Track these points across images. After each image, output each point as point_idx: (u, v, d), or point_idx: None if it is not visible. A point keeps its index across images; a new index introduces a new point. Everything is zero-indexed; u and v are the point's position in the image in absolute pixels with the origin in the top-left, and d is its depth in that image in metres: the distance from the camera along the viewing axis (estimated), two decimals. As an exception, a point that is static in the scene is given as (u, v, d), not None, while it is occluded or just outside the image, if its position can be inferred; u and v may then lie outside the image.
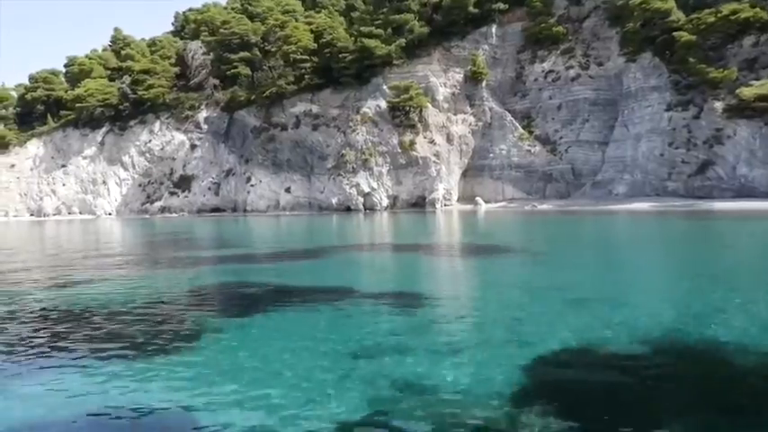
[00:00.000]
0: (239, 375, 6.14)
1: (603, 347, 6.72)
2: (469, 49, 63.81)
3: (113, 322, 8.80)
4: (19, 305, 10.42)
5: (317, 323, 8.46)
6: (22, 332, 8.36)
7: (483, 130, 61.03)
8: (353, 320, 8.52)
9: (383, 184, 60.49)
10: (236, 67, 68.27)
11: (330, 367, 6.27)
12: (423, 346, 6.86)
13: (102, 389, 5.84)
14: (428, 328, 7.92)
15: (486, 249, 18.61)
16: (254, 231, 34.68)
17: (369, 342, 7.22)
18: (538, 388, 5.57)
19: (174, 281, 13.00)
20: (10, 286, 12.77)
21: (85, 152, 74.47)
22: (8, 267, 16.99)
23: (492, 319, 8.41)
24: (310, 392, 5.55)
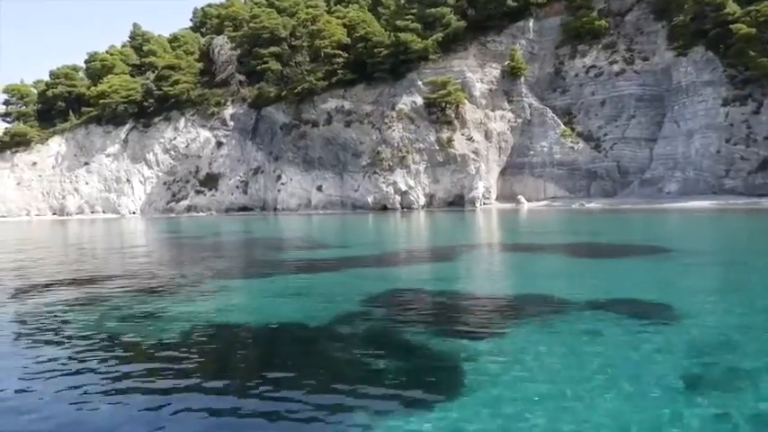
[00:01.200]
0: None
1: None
2: (506, 44, 62.21)
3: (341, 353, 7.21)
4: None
5: (630, 345, 6.83)
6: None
7: (522, 127, 59.43)
8: (653, 338, 6.90)
9: (420, 183, 58.91)
10: (267, 62, 66.52)
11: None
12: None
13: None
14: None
15: (635, 249, 16.92)
16: (323, 230, 32.98)
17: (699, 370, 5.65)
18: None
19: (350, 292, 11.36)
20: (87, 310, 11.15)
21: (109, 150, 72.82)
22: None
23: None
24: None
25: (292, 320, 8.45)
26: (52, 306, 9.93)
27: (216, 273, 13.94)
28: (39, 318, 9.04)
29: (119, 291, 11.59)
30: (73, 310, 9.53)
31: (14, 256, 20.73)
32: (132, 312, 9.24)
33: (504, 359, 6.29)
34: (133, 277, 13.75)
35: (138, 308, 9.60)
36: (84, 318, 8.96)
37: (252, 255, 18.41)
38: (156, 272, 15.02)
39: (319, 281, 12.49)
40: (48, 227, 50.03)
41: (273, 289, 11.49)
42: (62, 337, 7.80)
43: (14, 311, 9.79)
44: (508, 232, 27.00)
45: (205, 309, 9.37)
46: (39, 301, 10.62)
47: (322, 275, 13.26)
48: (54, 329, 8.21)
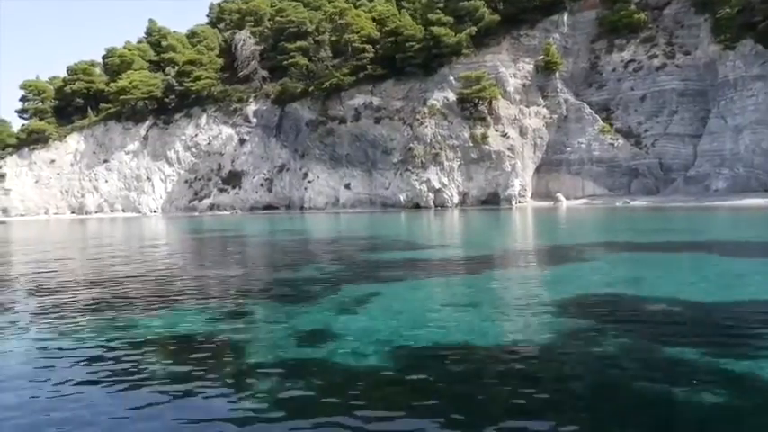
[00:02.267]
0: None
1: None
2: (539, 39, 60.71)
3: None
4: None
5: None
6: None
7: (558, 123, 57.91)
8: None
9: (454, 180, 57.37)
10: (293, 56, 64.96)
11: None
12: None
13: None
14: None
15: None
16: (387, 228, 31.34)
17: None
18: None
19: (529, 299, 9.75)
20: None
21: (128, 147, 71.26)
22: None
23: None
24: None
25: (505, 338, 6.81)
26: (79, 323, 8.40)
27: (357, 273, 12.44)
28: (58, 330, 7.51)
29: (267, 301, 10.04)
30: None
31: (37, 257, 19.20)
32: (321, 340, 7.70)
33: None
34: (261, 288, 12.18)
35: (306, 327, 8.05)
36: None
37: (360, 257, 16.67)
38: (273, 277, 13.47)
39: (464, 285, 10.92)
40: (67, 226, 48.42)
41: (432, 296, 9.93)
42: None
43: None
44: (592, 230, 25.44)
45: (384, 324, 7.82)
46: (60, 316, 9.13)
47: (461, 278, 11.69)
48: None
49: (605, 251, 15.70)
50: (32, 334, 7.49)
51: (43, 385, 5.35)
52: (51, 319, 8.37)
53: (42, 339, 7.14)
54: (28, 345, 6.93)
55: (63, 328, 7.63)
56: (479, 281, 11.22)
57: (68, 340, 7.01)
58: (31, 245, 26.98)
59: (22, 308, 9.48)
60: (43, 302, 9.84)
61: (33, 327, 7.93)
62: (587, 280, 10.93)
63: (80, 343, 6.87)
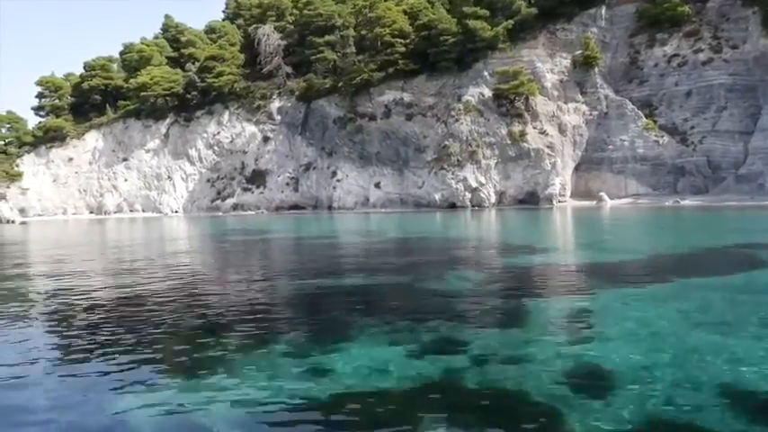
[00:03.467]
0: None
1: None
2: (576, 33, 58.83)
3: None
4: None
5: None
6: None
7: (598, 120, 55.93)
8: None
9: (491, 179, 55.41)
10: (322, 51, 62.96)
11: None
12: None
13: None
14: None
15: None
16: (452, 228, 29.43)
17: None
18: None
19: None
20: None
21: (148, 145, 69.26)
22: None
23: None
24: None
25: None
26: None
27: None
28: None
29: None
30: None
31: (58, 262, 17.21)
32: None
33: None
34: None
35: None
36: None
37: (498, 263, 14.68)
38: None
39: (676, 297, 8.93)
40: (87, 227, 46.40)
41: (659, 312, 7.95)
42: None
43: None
44: (698, 229, 23.48)
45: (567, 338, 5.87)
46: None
47: (657, 288, 9.69)
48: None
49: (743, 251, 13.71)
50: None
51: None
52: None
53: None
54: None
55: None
56: (685, 290, 9.25)
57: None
58: (51, 248, 24.99)
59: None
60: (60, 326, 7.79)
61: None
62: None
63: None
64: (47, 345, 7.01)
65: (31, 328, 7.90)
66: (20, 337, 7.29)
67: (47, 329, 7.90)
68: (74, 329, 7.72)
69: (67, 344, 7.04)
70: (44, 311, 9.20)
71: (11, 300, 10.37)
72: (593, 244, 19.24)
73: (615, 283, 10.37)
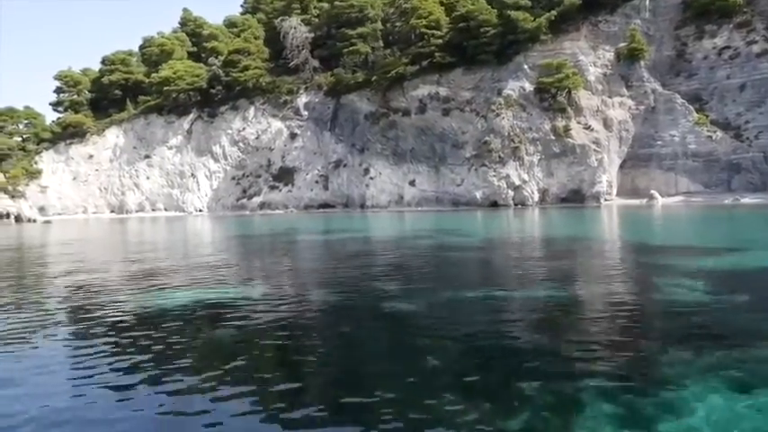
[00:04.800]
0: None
1: None
2: (620, 24, 56.61)
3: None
4: None
5: None
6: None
7: (645, 115, 53.70)
8: None
9: (534, 176, 53.19)
10: (354, 43, 60.70)
11: None
12: None
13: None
14: None
15: None
16: (528, 228, 27.20)
17: None
18: None
19: None
20: None
21: (171, 141, 67.00)
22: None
23: None
24: None
25: None
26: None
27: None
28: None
29: None
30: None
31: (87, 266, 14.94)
32: None
33: None
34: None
35: None
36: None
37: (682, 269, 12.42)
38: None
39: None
40: (115, 226, 44.15)
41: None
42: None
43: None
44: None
45: None
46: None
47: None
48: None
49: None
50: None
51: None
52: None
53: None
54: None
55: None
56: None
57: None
58: (93, 251, 22.76)
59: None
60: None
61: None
62: None
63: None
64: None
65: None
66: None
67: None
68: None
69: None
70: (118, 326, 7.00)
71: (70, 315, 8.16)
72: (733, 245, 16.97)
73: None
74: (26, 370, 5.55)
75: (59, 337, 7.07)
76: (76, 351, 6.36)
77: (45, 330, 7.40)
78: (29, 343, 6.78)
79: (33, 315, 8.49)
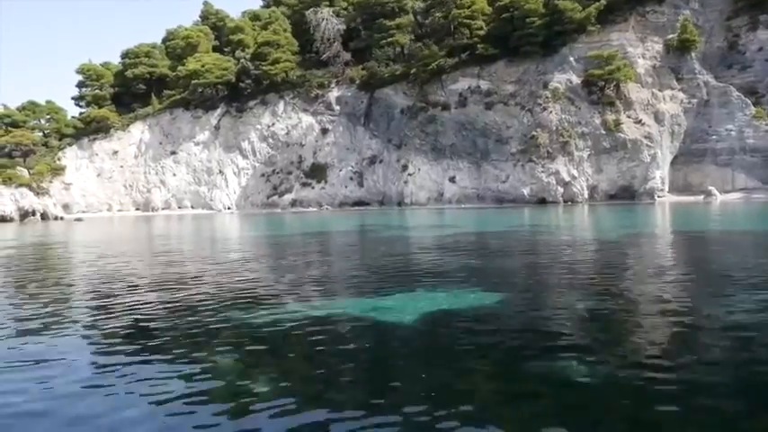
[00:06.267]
0: None
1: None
2: (668, 15, 54.69)
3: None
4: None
5: None
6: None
7: (697, 109, 51.79)
8: None
9: (584, 172, 51.20)
10: (393, 34, 58.60)
11: None
12: None
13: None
14: None
15: None
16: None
17: None
18: None
19: None
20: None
21: (198, 137, 64.80)
22: None
23: None
24: None
25: None
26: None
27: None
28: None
29: None
30: None
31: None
32: None
33: None
34: None
35: None
36: None
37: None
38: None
39: None
40: (145, 224, 42.04)
41: None
42: None
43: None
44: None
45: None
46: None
47: None
48: None
49: None
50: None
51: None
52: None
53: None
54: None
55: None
56: None
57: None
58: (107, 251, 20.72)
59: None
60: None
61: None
62: None
63: None
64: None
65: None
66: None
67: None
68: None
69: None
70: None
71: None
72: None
73: None
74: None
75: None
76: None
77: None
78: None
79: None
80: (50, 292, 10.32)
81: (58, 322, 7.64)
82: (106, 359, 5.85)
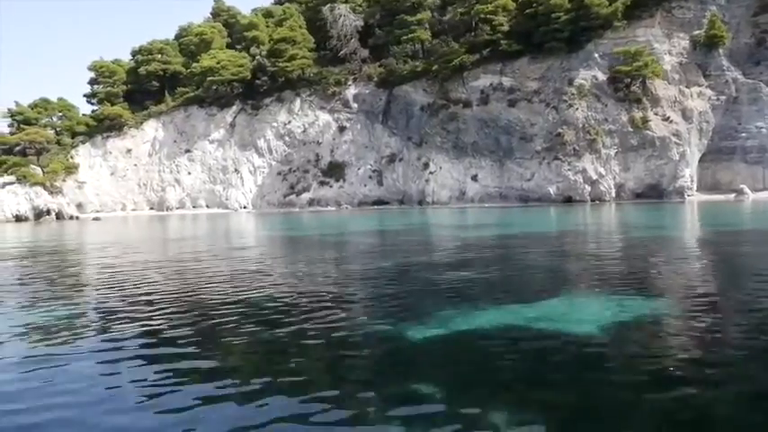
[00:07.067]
0: None
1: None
2: (694, 11, 53.83)
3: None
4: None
5: None
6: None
7: (726, 106, 50.92)
8: None
9: (611, 170, 50.27)
10: (414, 30, 57.63)
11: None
12: None
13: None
14: None
15: None
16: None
17: None
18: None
19: None
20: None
21: (213, 135, 63.74)
22: None
23: None
24: None
25: None
26: None
27: None
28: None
29: None
30: None
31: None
32: None
33: None
34: None
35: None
36: None
37: None
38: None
39: None
40: (160, 224, 41.04)
41: None
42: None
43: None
44: None
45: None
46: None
47: None
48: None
49: None
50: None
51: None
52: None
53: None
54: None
55: None
56: None
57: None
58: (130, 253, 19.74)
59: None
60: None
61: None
62: None
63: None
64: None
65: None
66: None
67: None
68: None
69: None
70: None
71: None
72: None
73: None
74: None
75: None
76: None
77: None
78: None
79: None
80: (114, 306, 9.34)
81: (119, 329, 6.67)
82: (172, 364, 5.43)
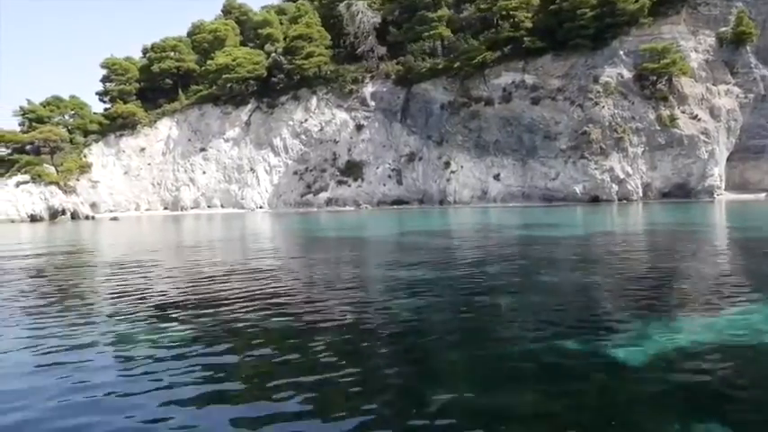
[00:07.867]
0: None
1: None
2: (720, 8, 52.97)
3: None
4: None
5: None
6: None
7: (754, 104, 50.16)
8: None
9: (638, 169, 49.41)
10: (436, 27, 56.71)
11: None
12: None
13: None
14: None
15: None
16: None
17: None
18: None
19: None
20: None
21: (228, 134, 62.74)
22: None
23: None
24: None
25: None
26: None
27: None
28: None
29: None
30: None
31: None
32: None
33: None
34: None
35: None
36: None
37: None
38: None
39: None
40: (176, 225, 40.02)
41: None
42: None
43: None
44: None
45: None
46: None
47: None
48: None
49: None
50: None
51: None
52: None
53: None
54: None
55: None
56: None
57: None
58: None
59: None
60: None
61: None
62: None
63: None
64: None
65: None
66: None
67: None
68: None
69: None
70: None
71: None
72: None
73: None
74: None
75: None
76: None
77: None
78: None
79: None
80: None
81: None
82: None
